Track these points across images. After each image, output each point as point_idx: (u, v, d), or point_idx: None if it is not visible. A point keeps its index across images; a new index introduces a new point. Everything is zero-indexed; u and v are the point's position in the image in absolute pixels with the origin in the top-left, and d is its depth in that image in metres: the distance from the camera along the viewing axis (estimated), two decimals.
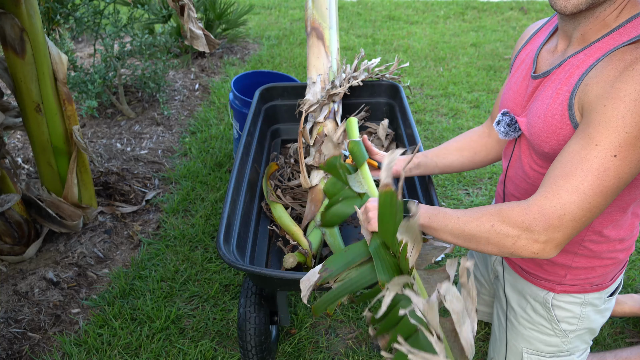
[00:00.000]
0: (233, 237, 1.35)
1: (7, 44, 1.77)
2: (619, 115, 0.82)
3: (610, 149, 0.83)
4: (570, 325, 1.22)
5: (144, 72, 3.13)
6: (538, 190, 0.90)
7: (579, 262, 1.13)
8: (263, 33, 4.73)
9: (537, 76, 1.05)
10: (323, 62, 1.97)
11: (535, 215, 0.88)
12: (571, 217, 0.86)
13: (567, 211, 0.85)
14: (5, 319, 1.77)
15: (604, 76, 0.86)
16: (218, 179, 2.57)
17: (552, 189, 0.87)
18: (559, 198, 0.86)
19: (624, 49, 0.87)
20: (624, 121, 0.81)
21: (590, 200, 0.85)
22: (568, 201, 0.85)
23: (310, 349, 1.72)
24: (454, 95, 3.49)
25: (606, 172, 0.83)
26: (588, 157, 0.84)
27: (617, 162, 0.83)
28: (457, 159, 1.39)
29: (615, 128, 0.82)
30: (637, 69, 0.82)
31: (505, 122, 1.13)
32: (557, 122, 0.96)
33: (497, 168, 2.69)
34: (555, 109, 0.96)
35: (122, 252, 2.15)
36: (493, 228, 0.92)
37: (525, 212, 0.89)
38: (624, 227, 1.09)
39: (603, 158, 0.83)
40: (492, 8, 5.45)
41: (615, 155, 0.83)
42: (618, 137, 0.82)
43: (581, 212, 0.85)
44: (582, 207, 0.85)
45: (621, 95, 0.82)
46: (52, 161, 2.04)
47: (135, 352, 1.70)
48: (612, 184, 0.84)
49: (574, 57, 0.96)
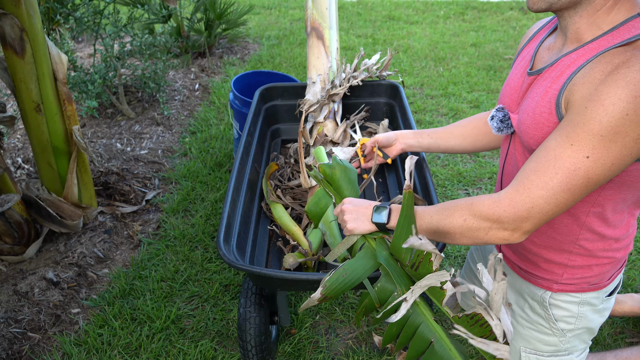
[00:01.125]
0: (233, 237, 1.35)
1: (7, 44, 1.77)
2: (596, 118, 0.84)
3: (584, 150, 0.86)
4: (568, 325, 1.22)
5: (144, 72, 3.13)
6: (511, 183, 0.95)
7: (576, 261, 1.13)
8: (263, 33, 4.73)
9: (531, 73, 1.06)
10: (323, 62, 1.97)
11: (505, 207, 0.94)
12: (539, 210, 0.91)
13: (535, 205, 0.91)
14: (5, 319, 1.77)
15: (590, 77, 0.88)
16: (218, 179, 2.57)
17: (523, 183, 0.93)
18: (529, 192, 0.91)
19: (614, 51, 0.88)
20: (600, 125, 0.84)
21: (557, 196, 0.90)
22: (537, 195, 0.91)
23: (310, 349, 1.72)
24: (454, 95, 3.49)
25: (576, 171, 0.87)
26: (562, 155, 0.88)
27: (588, 163, 0.86)
28: (460, 143, 1.45)
29: (591, 130, 0.85)
30: (621, 72, 0.83)
31: (498, 118, 1.15)
32: (544, 119, 0.98)
33: (497, 168, 2.69)
34: (543, 106, 0.98)
35: (122, 252, 2.15)
36: (465, 223, 0.99)
37: (495, 205, 0.95)
38: (619, 227, 1.09)
39: (575, 158, 0.87)
40: (492, 8, 5.45)
41: (587, 157, 0.86)
42: (592, 140, 0.85)
43: (548, 207, 0.91)
44: (549, 202, 0.90)
45: (602, 99, 0.84)
46: (52, 161, 2.05)
47: (135, 352, 1.70)
48: (581, 183, 0.88)
49: (567, 57, 0.97)
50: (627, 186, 1.00)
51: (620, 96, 0.82)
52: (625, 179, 0.97)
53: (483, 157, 2.81)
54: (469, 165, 2.73)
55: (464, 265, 1.72)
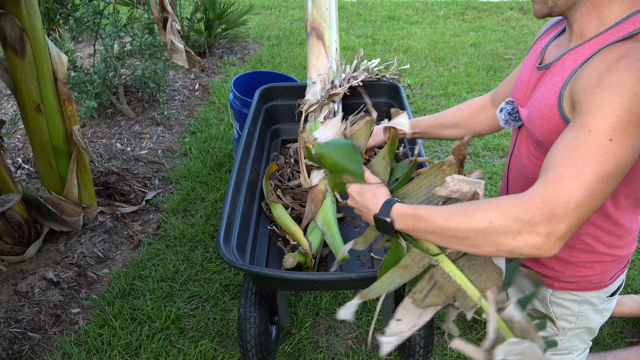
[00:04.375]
0: (233, 237, 1.35)
1: (7, 44, 1.77)
2: (607, 100, 0.83)
3: (605, 133, 0.82)
4: (569, 323, 1.22)
5: (144, 72, 3.13)
6: (537, 181, 0.86)
7: (578, 257, 1.14)
8: (263, 33, 4.73)
9: (540, 67, 1.08)
10: (323, 62, 1.97)
11: (538, 205, 0.82)
12: (575, 205, 0.81)
13: (571, 199, 0.81)
14: (6, 319, 1.77)
15: (592, 68, 0.89)
16: (218, 179, 2.57)
17: (552, 178, 0.83)
18: (562, 186, 0.82)
19: (616, 44, 0.89)
20: (612, 106, 0.82)
21: (593, 185, 0.81)
22: (571, 188, 0.81)
23: (310, 349, 1.72)
24: (454, 95, 3.49)
25: (605, 156, 0.81)
26: (584, 143, 0.83)
27: (614, 146, 0.81)
28: (452, 133, 1.45)
29: (606, 113, 0.82)
30: (623, 61, 0.84)
31: (506, 111, 1.16)
32: (548, 111, 0.99)
33: (498, 168, 2.69)
34: (548, 99, 0.99)
35: (122, 252, 2.15)
36: (491, 225, 0.84)
37: (526, 203, 0.83)
38: (622, 223, 1.10)
39: (599, 143, 0.82)
40: (492, 8, 5.45)
41: (611, 140, 0.81)
42: (610, 121, 0.82)
43: (584, 199, 0.81)
44: (585, 193, 0.81)
45: (608, 84, 0.83)
46: (52, 161, 2.05)
47: (135, 352, 1.70)
48: (613, 169, 0.82)
49: (573, 51, 0.99)
50: (630, 180, 1.00)
51: (626, 80, 0.82)
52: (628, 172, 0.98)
53: (483, 157, 2.81)
54: (468, 165, 2.73)
55: None
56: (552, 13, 0.99)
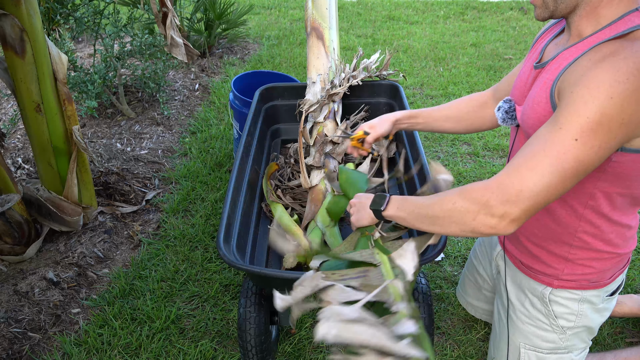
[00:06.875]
0: (233, 237, 1.35)
1: (7, 44, 1.77)
2: (582, 100, 0.85)
3: (572, 132, 0.86)
4: (568, 322, 1.23)
5: (144, 72, 3.13)
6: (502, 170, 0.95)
7: (576, 254, 1.14)
8: (263, 33, 4.73)
9: (537, 66, 1.09)
10: (323, 62, 1.97)
11: (494, 190, 0.92)
12: (528, 194, 0.89)
13: (524, 187, 0.89)
14: (6, 319, 1.77)
15: (579, 67, 0.91)
16: (218, 179, 2.57)
17: (514, 167, 0.92)
18: (519, 175, 0.90)
19: (606, 43, 0.91)
20: (585, 106, 0.85)
21: (547, 179, 0.88)
22: (526, 178, 0.89)
23: (310, 349, 1.72)
24: (454, 95, 3.49)
25: (565, 154, 0.87)
26: (551, 139, 0.88)
27: (577, 146, 0.86)
28: (452, 126, 1.47)
29: (577, 112, 0.86)
30: (608, 60, 0.86)
31: (504, 109, 1.18)
32: (541, 109, 1.01)
33: (498, 168, 2.70)
34: (540, 97, 1.01)
35: (122, 252, 2.15)
36: (454, 206, 0.97)
37: (485, 188, 0.93)
38: (619, 221, 1.10)
39: (564, 141, 0.87)
40: (492, 8, 5.45)
41: (576, 139, 0.86)
42: (579, 121, 0.85)
43: (537, 189, 0.89)
44: (539, 186, 0.88)
45: (587, 83, 0.85)
46: (52, 161, 2.05)
47: (135, 352, 1.70)
48: (571, 167, 0.87)
49: (567, 50, 1.00)
50: (622, 179, 1.01)
51: (605, 80, 0.84)
52: (618, 170, 0.99)
53: (483, 157, 2.81)
54: (469, 166, 2.73)
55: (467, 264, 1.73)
56: (553, 16, 1.00)
